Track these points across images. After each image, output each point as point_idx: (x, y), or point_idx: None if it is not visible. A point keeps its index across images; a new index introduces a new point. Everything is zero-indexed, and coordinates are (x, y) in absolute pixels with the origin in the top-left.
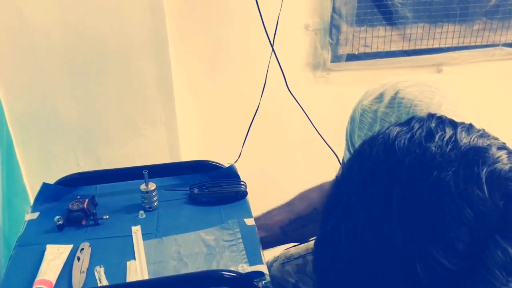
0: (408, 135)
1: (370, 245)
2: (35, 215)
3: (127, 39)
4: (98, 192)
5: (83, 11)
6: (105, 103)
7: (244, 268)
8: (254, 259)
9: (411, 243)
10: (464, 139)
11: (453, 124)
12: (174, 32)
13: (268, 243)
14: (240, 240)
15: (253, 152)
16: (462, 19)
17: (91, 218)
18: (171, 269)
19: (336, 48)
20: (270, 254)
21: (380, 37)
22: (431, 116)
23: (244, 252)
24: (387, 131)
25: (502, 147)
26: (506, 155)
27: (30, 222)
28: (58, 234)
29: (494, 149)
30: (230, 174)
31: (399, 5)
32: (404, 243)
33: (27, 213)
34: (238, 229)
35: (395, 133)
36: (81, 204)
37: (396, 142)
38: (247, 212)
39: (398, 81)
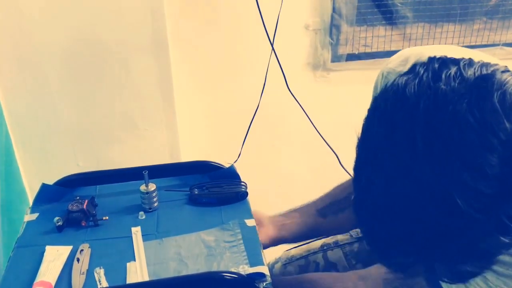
0: (416, 80)
1: (406, 190)
2: (34, 216)
3: (127, 40)
4: (98, 192)
5: (83, 12)
6: (105, 104)
7: (245, 269)
8: (255, 260)
9: (444, 178)
10: (469, 71)
11: (455, 61)
12: (174, 32)
13: (305, 233)
14: (241, 241)
15: (253, 152)
16: (462, 19)
17: (91, 219)
18: (171, 271)
19: (336, 48)
20: (271, 255)
21: (380, 36)
22: (432, 59)
23: (245, 253)
24: (395, 82)
25: (505, 70)
26: (511, 76)
27: (29, 223)
28: (57, 235)
29: (499, 74)
30: (230, 175)
31: (399, 4)
32: (438, 179)
33: (26, 214)
34: (239, 230)
35: (403, 82)
36: (80, 205)
37: (406, 90)
38: (248, 212)
39: (423, 48)
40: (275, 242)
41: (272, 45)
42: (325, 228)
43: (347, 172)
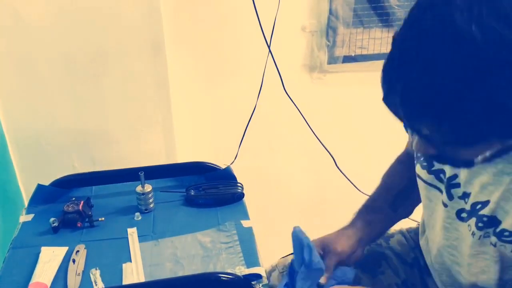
0: None
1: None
2: (30, 216)
3: (123, 40)
4: (94, 193)
5: (80, 13)
6: (101, 104)
7: (242, 270)
8: (251, 261)
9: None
10: None
11: None
12: (170, 33)
13: (382, 233)
14: (237, 242)
15: (249, 154)
16: None
17: (87, 220)
18: (167, 272)
19: (332, 50)
20: (267, 263)
21: (376, 38)
22: None
23: (241, 254)
24: None
25: None
26: None
27: (25, 224)
28: (53, 236)
29: None
30: (226, 176)
31: (395, 7)
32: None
33: (22, 215)
34: (235, 231)
35: None
36: (76, 205)
37: None
38: (244, 213)
39: None
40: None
41: (269, 46)
42: (396, 220)
43: (343, 174)
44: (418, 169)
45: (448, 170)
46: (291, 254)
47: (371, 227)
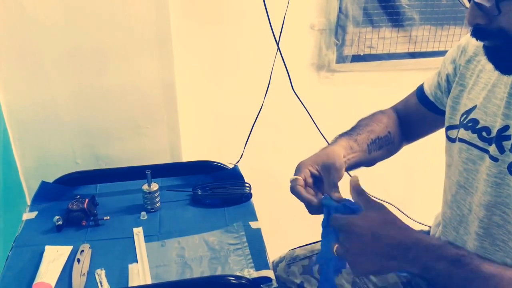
0: None
1: None
2: (33, 214)
3: (129, 37)
4: (99, 191)
5: (86, 9)
6: (106, 101)
7: (251, 273)
8: (260, 263)
9: None
10: None
11: None
12: (177, 30)
13: (356, 166)
14: (246, 244)
15: (255, 153)
16: None
17: (92, 218)
18: (174, 273)
19: (341, 49)
20: (275, 255)
21: (386, 38)
22: None
23: (250, 257)
24: None
25: None
26: None
27: (28, 221)
28: (57, 234)
29: None
30: (234, 175)
31: (406, 6)
32: None
33: (25, 212)
34: (243, 233)
35: None
36: (81, 204)
37: None
38: (252, 214)
39: None
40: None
41: (278, 44)
42: (366, 161)
43: (348, 174)
44: (462, 132)
45: (499, 122)
46: (300, 247)
47: (353, 152)
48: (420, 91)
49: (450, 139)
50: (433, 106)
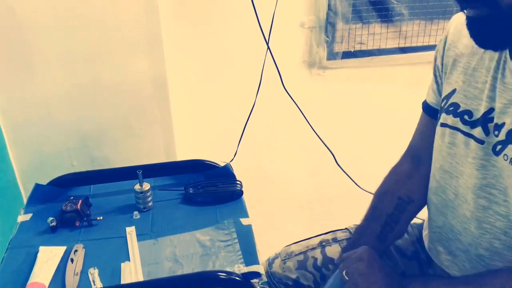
0: None
1: None
2: (28, 216)
3: (121, 39)
4: (92, 192)
5: (78, 11)
6: (100, 103)
7: (240, 268)
8: (250, 259)
9: None
10: None
11: None
12: (168, 30)
13: None
14: (236, 240)
15: (249, 151)
16: None
17: (85, 219)
18: (166, 270)
19: (331, 46)
20: (271, 251)
21: (376, 34)
22: None
23: (240, 253)
24: None
25: None
26: None
27: (23, 223)
28: (51, 235)
29: None
30: (225, 173)
31: (394, 2)
32: None
33: (20, 214)
34: (234, 229)
35: None
36: (74, 205)
37: None
38: (243, 211)
39: None
40: None
41: (267, 43)
42: (387, 247)
43: (343, 170)
44: (444, 117)
45: (484, 105)
46: (295, 243)
47: None
48: (426, 108)
49: None
50: None
